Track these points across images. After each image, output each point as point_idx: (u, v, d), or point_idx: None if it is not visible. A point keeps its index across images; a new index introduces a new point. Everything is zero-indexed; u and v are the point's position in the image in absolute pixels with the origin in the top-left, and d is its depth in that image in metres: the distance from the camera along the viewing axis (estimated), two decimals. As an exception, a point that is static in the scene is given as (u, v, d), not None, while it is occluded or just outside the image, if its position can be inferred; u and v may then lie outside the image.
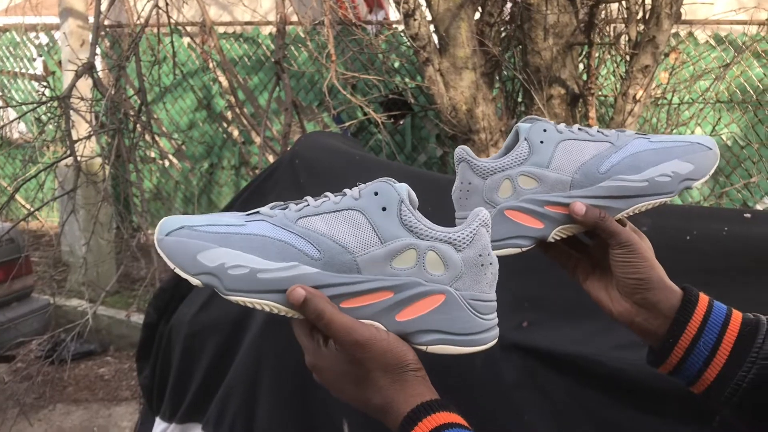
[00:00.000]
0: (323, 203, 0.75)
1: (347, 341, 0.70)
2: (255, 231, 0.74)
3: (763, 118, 3.94)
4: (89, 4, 4.72)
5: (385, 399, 0.70)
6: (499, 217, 0.84)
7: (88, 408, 3.81)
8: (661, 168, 0.83)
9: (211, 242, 0.73)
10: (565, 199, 0.83)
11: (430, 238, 0.73)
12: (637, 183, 0.83)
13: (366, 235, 0.73)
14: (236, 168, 5.55)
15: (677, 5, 2.64)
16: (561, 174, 0.83)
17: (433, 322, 0.73)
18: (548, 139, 0.84)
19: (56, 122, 3.40)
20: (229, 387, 1.44)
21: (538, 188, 0.83)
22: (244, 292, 0.72)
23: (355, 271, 0.72)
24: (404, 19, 2.91)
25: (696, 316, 0.77)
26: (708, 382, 0.76)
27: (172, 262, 0.73)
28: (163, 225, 0.74)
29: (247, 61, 5.22)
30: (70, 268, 4.89)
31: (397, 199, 0.73)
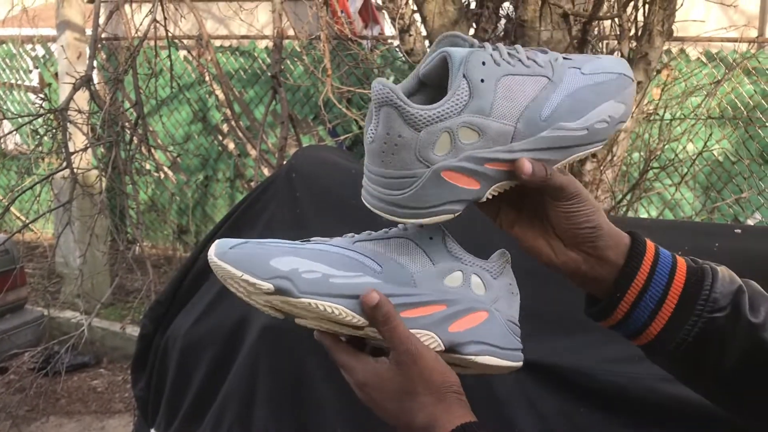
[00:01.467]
0: (372, 233, 0.81)
1: (404, 348, 0.74)
2: (319, 248, 0.78)
3: (754, 134, 3.98)
4: (87, 17, 4.75)
5: (430, 417, 0.73)
6: (434, 179, 0.72)
7: (81, 420, 3.79)
8: (599, 112, 0.76)
9: (281, 252, 0.76)
10: (507, 155, 0.73)
11: (472, 264, 0.80)
12: (577, 132, 0.75)
13: (419, 257, 0.79)
14: (231, 180, 5.57)
15: (669, 22, 2.67)
16: (504, 123, 0.73)
17: (480, 335, 0.78)
18: (488, 75, 0.72)
19: (53, 134, 3.41)
20: (225, 398, 1.45)
21: (479, 142, 0.72)
22: (317, 294, 0.75)
23: (412, 285, 0.78)
24: (399, 35, 2.94)
25: (644, 267, 0.73)
26: (651, 336, 0.73)
27: (239, 270, 0.74)
28: (222, 243, 0.77)
29: (243, 75, 5.25)
30: (64, 279, 4.88)
31: (441, 232, 0.80)
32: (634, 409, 1.11)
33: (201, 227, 5.62)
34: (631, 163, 3.67)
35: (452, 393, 0.74)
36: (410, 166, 0.72)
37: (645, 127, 3.57)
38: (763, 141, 3.98)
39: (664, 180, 3.78)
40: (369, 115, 0.74)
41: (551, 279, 1.26)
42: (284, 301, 0.75)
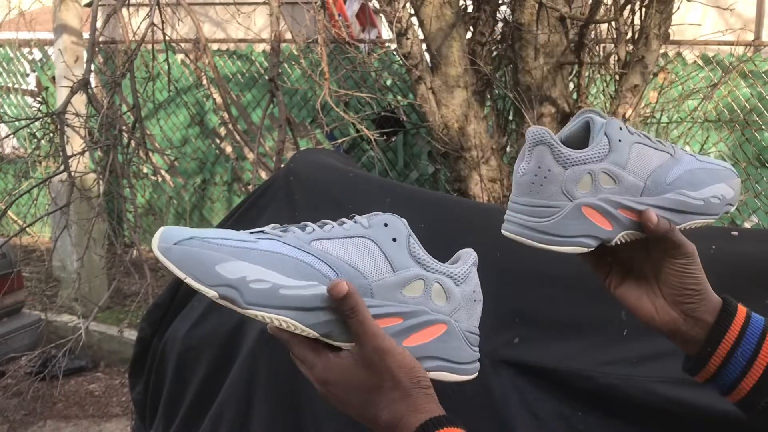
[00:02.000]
0: (332, 229, 0.78)
1: (372, 345, 0.72)
2: (271, 248, 0.74)
3: (750, 137, 3.99)
4: (84, 21, 4.75)
5: (395, 415, 0.72)
6: (575, 212, 0.80)
7: (78, 425, 3.78)
8: (713, 189, 0.86)
9: (229, 255, 0.72)
10: (637, 205, 0.82)
11: (435, 270, 0.78)
12: (695, 200, 0.84)
13: (379, 263, 0.76)
14: (229, 184, 5.57)
15: (666, 26, 2.68)
16: (636, 178, 0.83)
17: (435, 350, 0.77)
18: (624, 139, 0.83)
19: (50, 138, 3.41)
20: (222, 403, 1.45)
21: (615, 188, 0.82)
22: (265, 306, 0.72)
23: (369, 295, 0.75)
24: (397, 38, 2.95)
25: (734, 325, 0.77)
26: (744, 392, 0.76)
27: (183, 272, 0.71)
28: (166, 234, 0.72)
29: (240, 78, 5.25)
30: (62, 283, 4.88)
31: (406, 233, 0.77)
32: (632, 411, 1.11)
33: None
34: (628, 166, 3.67)
35: (419, 389, 0.73)
36: (555, 197, 0.79)
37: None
38: (760, 144, 3.99)
39: (661, 183, 3.78)
40: (521, 154, 0.82)
41: (546, 282, 1.26)
42: (230, 308, 0.72)
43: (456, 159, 2.96)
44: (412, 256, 0.77)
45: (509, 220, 0.82)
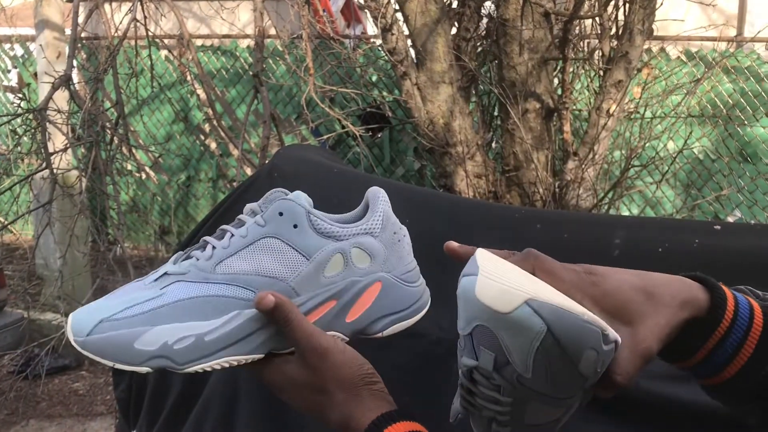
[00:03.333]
0: (231, 240, 0.74)
1: (308, 347, 0.71)
2: (178, 296, 0.71)
3: (733, 133, 4.02)
4: (66, 16, 4.70)
5: (343, 414, 0.71)
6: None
7: (62, 423, 3.75)
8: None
9: (141, 325, 0.69)
10: None
11: (348, 236, 0.75)
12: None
13: (290, 258, 0.73)
14: (213, 181, 5.54)
15: (649, 21, 2.69)
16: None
17: (379, 309, 0.76)
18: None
19: (32, 134, 3.37)
20: (206, 400, 1.44)
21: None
22: (199, 359, 0.70)
23: (294, 295, 0.73)
24: (382, 34, 2.94)
25: (727, 315, 0.68)
26: (723, 379, 0.69)
27: (107, 360, 0.69)
28: (76, 324, 0.70)
29: (225, 74, 5.22)
30: (45, 281, 4.83)
31: (304, 212, 0.74)
32: (615, 406, 1.12)
33: (183, 228, 5.59)
34: (612, 161, 3.70)
35: (365, 386, 0.72)
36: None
37: (626, 125, 3.60)
38: (742, 139, 4.02)
39: (645, 178, 3.81)
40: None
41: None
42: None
43: (441, 155, 2.96)
44: (319, 233, 0.74)
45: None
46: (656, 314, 0.66)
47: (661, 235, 1.23)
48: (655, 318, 0.65)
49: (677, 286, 0.68)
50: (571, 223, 1.29)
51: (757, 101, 3.93)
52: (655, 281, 0.68)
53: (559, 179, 2.88)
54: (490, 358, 0.61)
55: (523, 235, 1.24)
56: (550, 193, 2.87)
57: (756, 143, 3.97)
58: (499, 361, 0.60)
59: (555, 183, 2.88)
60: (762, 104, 3.94)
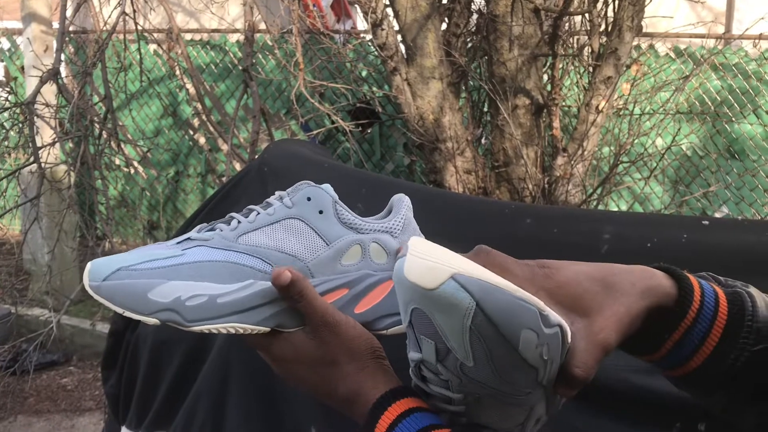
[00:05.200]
0: (257, 217, 0.76)
1: (322, 322, 0.72)
2: (199, 258, 0.73)
3: (721, 129, 4.04)
4: (53, 9, 4.67)
5: (352, 387, 0.72)
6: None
7: (50, 419, 3.74)
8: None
9: (159, 278, 0.71)
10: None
11: (369, 231, 0.77)
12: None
13: (311, 240, 0.75)
14: (202, 176, 5.52)
15: (638, 18, 2.71)
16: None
17: (387, 307, 0.76)
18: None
19: (20, 128, 3.35)
20: (196, 394, 1.44)
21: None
22: (208, 320, 0.71)
23: (308, 275, 0.75)
24: (372, 29, 2.94)
25: (693, 306, 0.66)
26: (690, 369, 0.67)
27: (120, 307, 0.70)
28: (93, 270, 0.71)
29: (214, 69, 5.20)
30: (32, 276, 4.81)
31: (331, 201, 0.76)
32: (603, 400, 1.12)
33: (172, 223, 5.57)
34: (601, 157, 3.72)
35: (375, 359, 0.73)
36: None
37: (615, 121, 3.61)
38: (730, 136, 4.05)
39: (633, 174, 3.83)
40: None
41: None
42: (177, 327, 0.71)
43: (431, 150, 2.97)
44: (342, 223, 0.76)
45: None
46: (614, 304, 0.63)
47: (649, 230, 1.24)
48: (612, 307, 0.63)
49: (638, 275, 0.66)
50: (561, 218, 1.30)
51: (745, 98, 3.96)
52: (613, 270, 0.66)
53: (549, 175, 2.89)
54: (431, 347, 0.60)
55: (513, 230, 1.24)
56: (540, 189, 2.88)
57: (743, 140, 4.00)
58: (440, 349, 0.60)
59: (544, 179, 2.89)
60: (749, 101, 3.96)
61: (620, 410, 1.09)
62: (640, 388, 1.08)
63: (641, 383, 1.09)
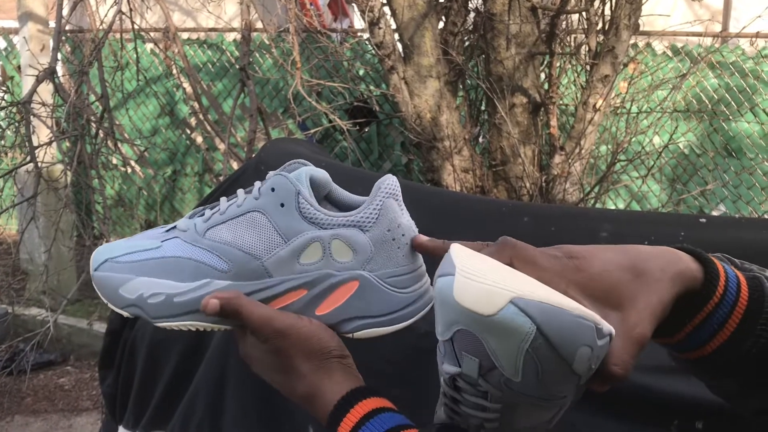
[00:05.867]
0: (229, 207, 0.74)
1: (268, 332, 0.71)
2: (168, 253, 0.73)
3: (718, 127, 4.04)
4: (50, 8, 4.65)
5: (310, 387, 0.70)
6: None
7: (48, 419, 3.73)
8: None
9: (129, 273, 0.73)
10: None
11: (332, 225, 0.71)
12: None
13: (269, 237, 0.71)
14: (200, 175, 5.51)
15: (635, 17, 2.70)
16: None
17: (352, 309, 0.72)
18: None
19: (16, 128, 3.34)
20: (194, 394, 1.44)
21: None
22: (168, 317, 0.72)
23: (265, 275, 0.72)
24: (369, 28, 2.93)
25: (717, 293, 0.64)
26: (705, 353, 0.65)
27: (104, 298, 0.74)
28: (93, 258, 0.76)
29: (211, 68, 5.19)
30: (29, 276, 4.80)
31: (293, 192, 0.71)
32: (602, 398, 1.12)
33: (169, 222, 5.54)
34: (598, 155, 3.71)
35: (333, 359, 0.71)
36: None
37: (612, 120, 3.61)
38: (727, 134, 4.05)
39: (631, 172, 3.83)
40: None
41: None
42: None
43: (429, 149, 2.96)
44: (304, 217, 0.71)
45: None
46: (648, 293, 0.61)
47: (647, 228, 1.24)
48: (646, 298, 0.60)
49: (666, 258, 0.63)
50: (559, 216, 1.30)
51: (742, 96, 3.96)
52: (641, 255, 0.63)
53: (546, 173, 2.89)
54: (474, 364, 0.57)
55: (511, 228, 1.24)
56: (537, 188, 2.88)
57: (740, 138, 4.00)
58: (484, 366, 0.56)
59: (542, 177, 2.89)
60: (746, 99, 3.96)
61: (618, 408, 1.08)
62: (639, 386, 1.08)
63: (640, 381, 1.08)
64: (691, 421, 0.97)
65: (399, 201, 0.73)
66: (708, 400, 0.82)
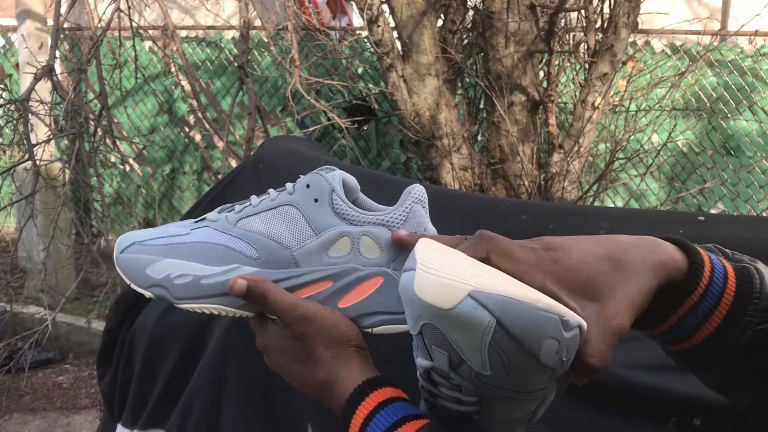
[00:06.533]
0: (262, 202, 0.77)
1: (293, 316, 0.72)
2: (198, 239, 0.76)
3: (717, 126, 4.05)
4: (48, 6, 4.65)
5: (329, 374, 0.71)
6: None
7: (46, 417, 3.73)
8: None
9: (158, 255, 0.75)
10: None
11: (362, 222, 0.74)
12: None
13: (301, 229, 0.75)
14: (198, 173, 5.50)
15: (634, 15, 2.70)
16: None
17: (374, 305, 0.74)
18: None
19: (14, 126, 3.34)
20: (192, 391, 1.44)
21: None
22: (192, 299, 0.74)
23: (293, 265, 0.74)
24: (368, 26, 2.93)
25: (702, 281, 0.63)
26: (691, 345, 0.64)
27: (127, 278, 0.76)
28: (119, 242, 0.78)
29: (209, 66, 5.18)
30: (28, 274, 4.79)
31: (328, 189, 0.74)
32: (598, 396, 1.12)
33: (168, 220, 5.55)
34: (597, 154, 3.71)
35: (352, 347, 0.72)
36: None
37: (611, 118, 3.61)
38: (726, 132, 4.05)
39: (629, 171, 3.83)
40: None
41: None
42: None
43: (427, 147, 2.96)
44: (336, 213, 0.74)
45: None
46: (626, 284, 0.60)
47: (645, 226, 1.24)
48: (625, 288, 0.60)
49: (647, 247, 0.62)
50: (557, 214, 1.30)
51: (741, 95, 3.96)
52: (621, 245, 0.62)
53: (545, 172, 2.89)
54: (444, 358, 0.57)
55: (509, 227, 1.24)
56: (536, 186, 2.88)
57: (739, 136, 4.00)
58: (453, 359, 0.57)
59: (540, 175, 2.89)
60: (745, 98, 3.96)
61: (615, 406, 1.09)
62: (635, 383, 1.08)
63: (636, 379, 1.09)
64: (689, 418, 0.97)
65: (426, 208, 0.76)
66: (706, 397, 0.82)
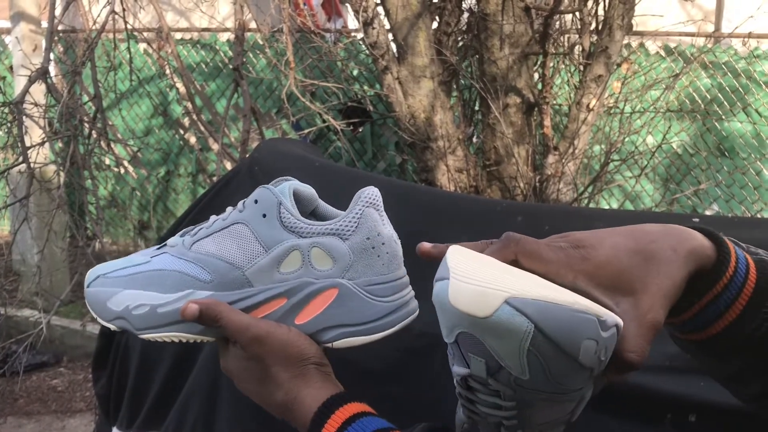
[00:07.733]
0: (215, 222, 0.76)
1: (246, 338, 0.71)
2: (155, 266, 0.76)
3: (711, 127, 4.06)
4: (42, 8, 4.64)
5: (288, 394, 0.70)
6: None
7: (41, 420, 3.71)
8: None
9: (118, 286, 0.75)
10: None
11: (312, 234, 0.72)
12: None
13: (251, 247, 0.73)
14: (193, 175, 5.50)
15: (629, 17, 2.71)
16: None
17: (331, 318, 0.73)
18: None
19: (8, 128, 3.33)
20: (188, 394, 1.43)
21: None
22: (152, 328, 0.73)
23: (246, 285, 0.73)
24: (363, 28, 2.93)
25: (727, 274, 0.62)
26: (709, 334, 0.63)
27: (93, 313, 0.77)
28: (87, 277, 0.78)
29: (204, 68, 5.18)
30: (22, 277, 4.78)
31: (275, 203, 0.73)
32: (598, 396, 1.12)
33: (162, 223, 5.54)
34: (592, 155, 3.72)
35: (310, 365, 0.71)
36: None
37: (606, 120, 3.62)
38: (720, 134, 4.06)
39: (624, 172, 3.84)
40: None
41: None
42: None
43: (423, 149, 2.96)
44: (284, 227, 0.72)
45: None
46: (658, 276, 0.59)
47: (640, 228, 1.24)
48: (657, 281, 0.59)
49: (678, 236, 0.61)
50: (552, 215, 1.30)
51: (735, 96, 3.98)
52: (649, 236, 0.61)
53: (540, 173, 2.89)
54: (481, 365, 0.56)
55: (504, 228, 1.24)
56: (531, 188, 2.88)
57: (733, 138, 4.02)
58: (491, 366, 0.56)
59: (535, 177, 2.90)
60: (739, 99, 3.98)
61: (611, 403, 1.09)
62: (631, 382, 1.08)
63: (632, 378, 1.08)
64: (684, 415, 0.97)
65: (380, 211, 0.74)
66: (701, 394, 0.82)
